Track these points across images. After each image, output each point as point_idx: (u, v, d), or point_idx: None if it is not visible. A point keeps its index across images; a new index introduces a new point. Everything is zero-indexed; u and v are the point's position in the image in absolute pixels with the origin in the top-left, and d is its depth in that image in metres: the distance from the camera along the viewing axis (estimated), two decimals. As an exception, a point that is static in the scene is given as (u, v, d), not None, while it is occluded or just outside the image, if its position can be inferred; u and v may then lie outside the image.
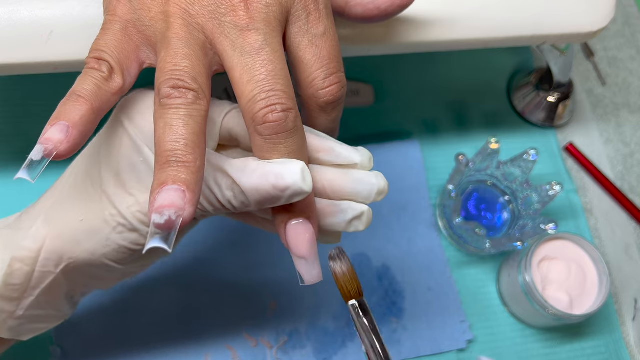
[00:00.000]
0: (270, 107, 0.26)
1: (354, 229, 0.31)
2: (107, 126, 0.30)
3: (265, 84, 0.26)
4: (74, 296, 0.34)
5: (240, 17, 0.27)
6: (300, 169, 0.26)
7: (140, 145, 0.29)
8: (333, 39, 0.30)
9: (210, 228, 0.49)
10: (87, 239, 0.30)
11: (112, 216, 0.29)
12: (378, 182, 0.30)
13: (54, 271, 0.30)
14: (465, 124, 0.57)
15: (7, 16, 0.34)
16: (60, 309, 0.34)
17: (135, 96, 0.30)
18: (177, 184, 0.23)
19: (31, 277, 0.30)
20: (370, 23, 0.35)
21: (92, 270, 0.31)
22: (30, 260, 0.30)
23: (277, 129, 0.26)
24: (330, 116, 0.31)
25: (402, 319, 0.48)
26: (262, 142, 0.27)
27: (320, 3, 0.29)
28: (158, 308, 0.46)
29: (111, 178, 0.29)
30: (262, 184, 0.26)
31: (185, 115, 0.25)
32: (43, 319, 0.33)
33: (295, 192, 0.26)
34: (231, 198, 0.28)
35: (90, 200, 0.30)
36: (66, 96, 0.26)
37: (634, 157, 0.58)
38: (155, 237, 0.23)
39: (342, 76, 0.30)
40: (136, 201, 0.29)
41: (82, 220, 0.30)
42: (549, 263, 0.47)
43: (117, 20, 0.28)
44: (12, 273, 0.30)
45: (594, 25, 0.41)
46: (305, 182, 0.26)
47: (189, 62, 0.26)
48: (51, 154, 0.24)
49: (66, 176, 0.31)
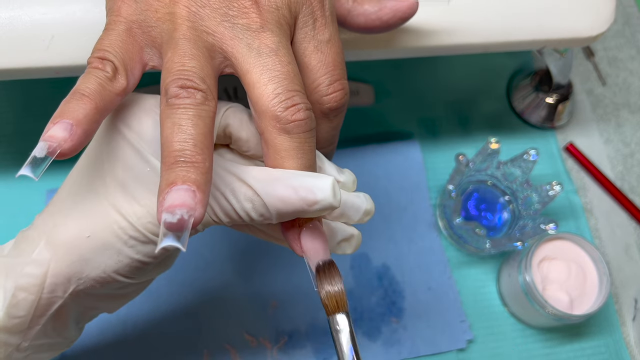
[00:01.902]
0: (297, 106, 0.26)
1: (341, 251, 0.30)
2: (101, 135, 0.29)
3: (287, 83, 0.26)
4: (80, 321, 0.32)
5: (253, 19, 0.27)
6: (332, 183, 0.26)
7: (145, 155, 0.28)
8: (338, 46, 0.30)
9: (210, 227, 0.49)
10: (96, 255, 0.28)
11: (123, 229, 0.28)
12: (364, 204, 0.30)
13: (62, 296, 0.29)
14: (465, 124, 0.57)
15: (8, 21, 0.34)
16: (67, 335, 0.32)
17: (129, 101, 0.29)
18: (187, 184, 0.23)
19: (37, 306, 0.28)
20: (371, 33, 0.35)
21: (101, 289, 0.30)
22: (35, 287, 0.28)
23: (305, 127, 0.26)
24: (333, 123, 0.31)
25: (402, 319, 0.48)
26: (287, 141, 0.26)
27: (326, 9, 0.29)
28: (157, 307, 0.46)
29: (118, 189, 0.28)
30: (289, 197, 0.26)
31: (194, 115, 0.24)
32: (50, 347, 0.31)
33: (325, 207, 0.26)
34: (250, 210, 0.27)
35: (96, 215, 0.28)
36: (69, 95, 0.25)
37: (634, 157, 0.58)
38: (168, 236, 0.22)
39: (346, 83, 0.30)
40: (147, 212, 0.27)
41: (89, 237, 0.28)
42: (549, 263, 0.47)
43: (122, 21, 0.27)
44: (17, 304, 0.28)
45: (593, 29, 0.41)
46: (335, 198, 0.26)
47: (197, 63, 0.25)
48: (55, 152, 0.23)
49: (64, 193, 0.30)
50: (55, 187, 0.49)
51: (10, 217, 0.49)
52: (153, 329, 0.46)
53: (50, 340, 0.31)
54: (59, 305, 0.29)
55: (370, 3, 0.33)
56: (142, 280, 0.31)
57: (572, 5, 0.41)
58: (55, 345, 0.32)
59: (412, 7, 0.33)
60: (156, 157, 0.28)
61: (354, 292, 0.49)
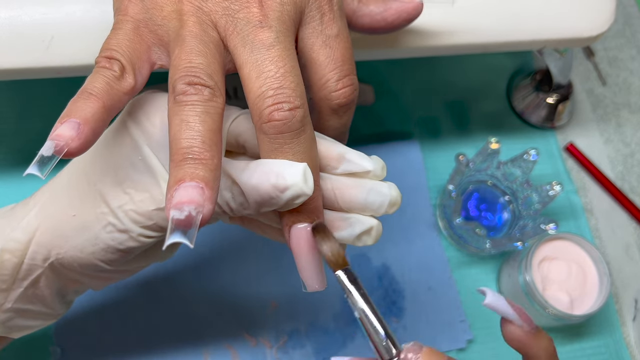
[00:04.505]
0: (277, 105, 0.25)
1: (362, 243, 0.30)
2: (111, 127, 0.30)
3: (273, 81, 0.26)
4: (65, 295, 0.33)
5: (254, 13, 0.26)
6: (302, 169, 0.26)
7: (140, 144, 0.28)
8: (346, 41, 0.29)
9: (210, 227, 0.49)
10: (76, 235, 0.29)
11: (103, 214, 0.28)
12: (391, 193, 0.29)
13: (42, 265, 0.30)
14: (465, 124, 0.57)
15: (8, 21, 0.34)
16: (52, 306, 0.33)
17: (143, 97, 0.30)
18: (195, 181, 0.23)
19: (19, 269, 0.30)
20: (375, 34, 0.34)
21: (81, 268, 0.31)
22: (19, 252, 0.30)
23: (282, 128, 0.26)
24: (342, 119, 0.30)
25: (402, 319, 0.48)
26: (267, 141, 0.26)
27: (334, 4, 0.29)
28: (157, 307, 0.46)
29: (108, 176, 0.29)
30: (262, 183, 0.26)
31: (202, 112, 0.24)
32: (34, 315, 0.33)
33: (296, 194, 0.26)
34: (229, 199, 0.27)
35: (84, 197, 0.29)
36: (77, 94, 0.25)
37: (634, 157, 0.58)
38: (176, 232, 0.22)
39: (355, 79, 0.30)
40: (131, 199, 0.28)
41: (74, 216, 0.29)
42: (549, 263, 0.47)
43: (129, 20, 0.27)
44: (2, 263, 0.30)
45: (593, 29, 0.41)
46: (306, 184, 0.26)
47: (204, 59, 0.25)
48: (62, 151, 0.23)
49: (64, 172, 0.31)
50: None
51: (10, 217, 0.49)
52: (153, 329, 0.46)
53: (33, 307, 0.32)
54: (39, 273, 0.30)
55: (376, 4, 0.33)
56: (122, 268, 0.32)
57: (572, 5, 0.41)
58: (40, 315, 0.33)
59: (417, 8, 0.33)
60: (153, 151, 0.28)
61: (354, 292, 0.49)
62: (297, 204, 0.27)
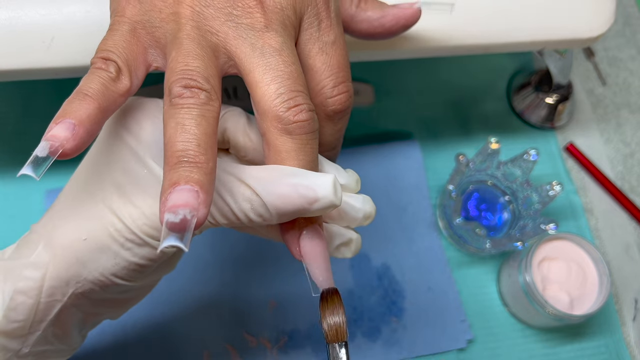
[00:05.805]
0: (300, 107, 0.26)
1: (340, 255, 0.30)
2: (101, 139, 0.29)
3: (290, 84, 0.26)
4: (83, 328, 0.32)
5: (257, 19, 0.26)
6: (332, 180, 0.26)
7: (143, 157, 0.28)
8: (343, 48, 0.29)
9: (210, 228, 0.49)
10: (93, 258, 0.28)
11: (119, 231, 0.27)
12: (364, 207, 0.29)
13: (61, 299, 0.28)
14: (465, 124, 0.57)
15: (8, 22, 0.34)
16: (69, 342, 0.31)
17: (130, 104, 0.29)
18: (190, 184, 0.22)
19: (36, 310, 0.28)
20: (373, 40, 0.34)
21: (102, 293, 0.29)
22: (33, 291, 0.28)
23: (308, 129, 0.26)
24: (337, 126, 0.30)
25: (402, 319, 0.48)
26: (288, 142, 0.26)
27: (331, 11, 0.29)
28: (157, 307, 0.46)
29: (114, 192, 0.28)
30: (289, 195, 0.25)
31: (198, 115, 0.24)
32: (52, 354, 0.31)
33: (325, 205, 0.26)
34: (248, 210, 0.26)
35: (92, 218, 0.28)
36: (72, 94, 0.25)
37: (634, 157, 0.58)
38: (171, 236, 0.21)
39: (350, 86, 0.30)
40: (142, 213, 0.27)
41: (85, 240, 0.27)
42: (549, 263, 0.47)
43: (126, 22, 0.27)
44: (16, 307, 0.27)
45: (593, 30, 0.41)
46: (336, 196, 0.26)
47: (201, 63, 0.25)
48: (57, 152, 0.23)
49: (64, 196, 0.30)
50: (55, 187, 0.49)
51: (10, 217, 0.49)
52: (153, 329, 0.46)
53: (52, 347, 0.30)
54: (59, 310, 0.28)
55: (374, 9, 0.33)
56: (142, 283, 0.31)
57: (572, 6, 0.41)
58: (58, 353, 0.31)
59: (415, 14, 0.33)
60: (154, 160, 0.28)
61: (354, 292, 0.49)
62: (321, 213, 0.27)
